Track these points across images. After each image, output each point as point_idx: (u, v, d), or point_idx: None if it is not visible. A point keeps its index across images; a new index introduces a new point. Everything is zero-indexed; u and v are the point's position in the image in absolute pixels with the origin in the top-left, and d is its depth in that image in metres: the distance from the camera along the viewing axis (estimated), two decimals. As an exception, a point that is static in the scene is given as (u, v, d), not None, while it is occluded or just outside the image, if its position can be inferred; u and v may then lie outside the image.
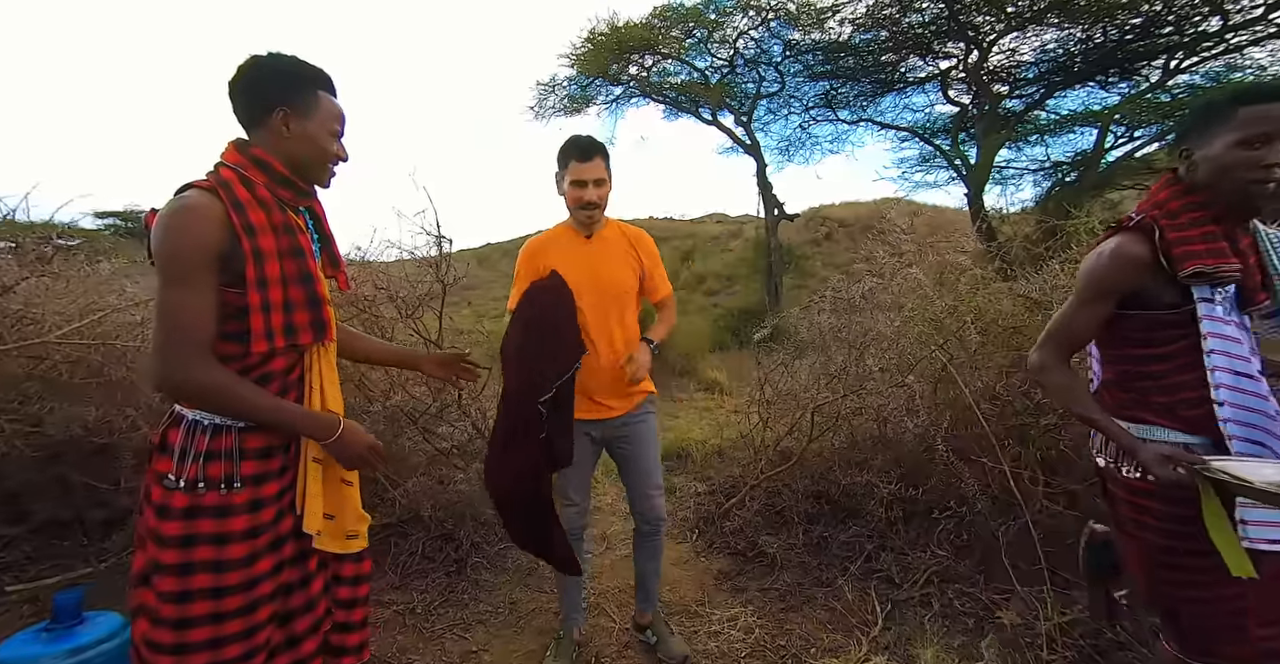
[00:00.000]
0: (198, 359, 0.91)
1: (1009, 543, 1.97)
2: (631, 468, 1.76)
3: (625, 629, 2.00)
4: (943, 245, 2.75)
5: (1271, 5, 7.76)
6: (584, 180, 1.60)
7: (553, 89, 12.21)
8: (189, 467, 0.94)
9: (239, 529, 0.96)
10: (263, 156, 1.00)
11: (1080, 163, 10.06)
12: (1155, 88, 9.25)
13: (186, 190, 0.95)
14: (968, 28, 9.78)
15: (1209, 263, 1.03)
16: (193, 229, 0.90)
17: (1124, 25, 8.93)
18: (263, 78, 1.00)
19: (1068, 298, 2.15)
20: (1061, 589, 1.83)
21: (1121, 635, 1.65)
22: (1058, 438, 2.05)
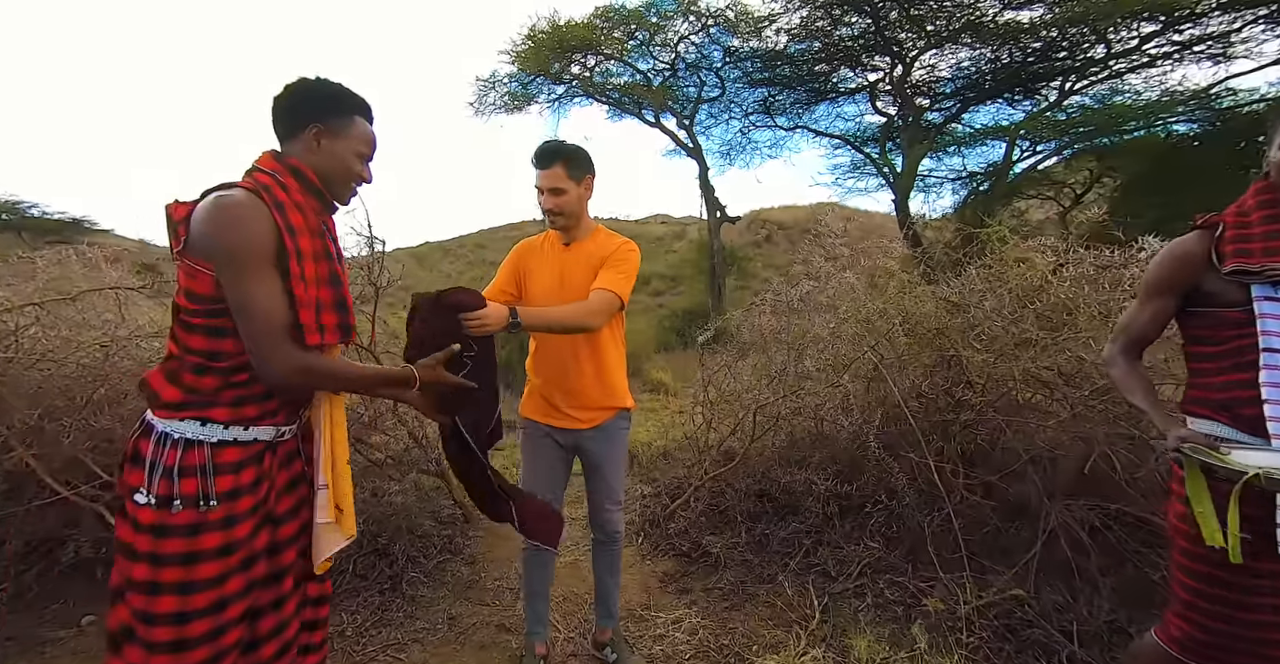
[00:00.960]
0: (289, 344, 0.96)
1: (934, 533, 2.09)
2: (595, 480, 1.75)
3: (570, 638, 1.98)
4: (874, 250, 2.89)
5: (1144, 38, 8.72)
6: (541, 188, 1.60)
7: (493, 85, 11.93)
8: (159, 481, 0.93)
9: (211, 547, 0.95)
10: (298, 165, 1.06)
11: (992, 173, 10.90)
12: (1053, 106, 10.18)
13: (228, 189, 0.98)
14: (892, 43, 10.38)
15: (1255, 261, 1.04)
16: (256, 223, 0.95)
17: (1026, 48, 9.77)
18: (305, 95, 1.07)
19: (983, 301, 2.33)
20: (978, 574, 1.97)
21: (1029, 613, 1.80)
22: (975, 433, 2.21)
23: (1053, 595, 1.82)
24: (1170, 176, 8.28)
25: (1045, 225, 11.11)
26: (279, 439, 1.05)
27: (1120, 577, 1.80)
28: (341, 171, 1.10)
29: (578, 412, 1.67)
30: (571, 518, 2.98)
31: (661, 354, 8.21)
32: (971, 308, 2.33)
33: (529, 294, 1.69)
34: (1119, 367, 1.25)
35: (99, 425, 1.76)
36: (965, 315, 2.31)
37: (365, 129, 1.12)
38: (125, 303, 1.95)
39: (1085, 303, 2.14)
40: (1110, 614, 1.72)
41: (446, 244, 23.80)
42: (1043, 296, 2.20)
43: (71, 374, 1.81)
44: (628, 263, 1.65)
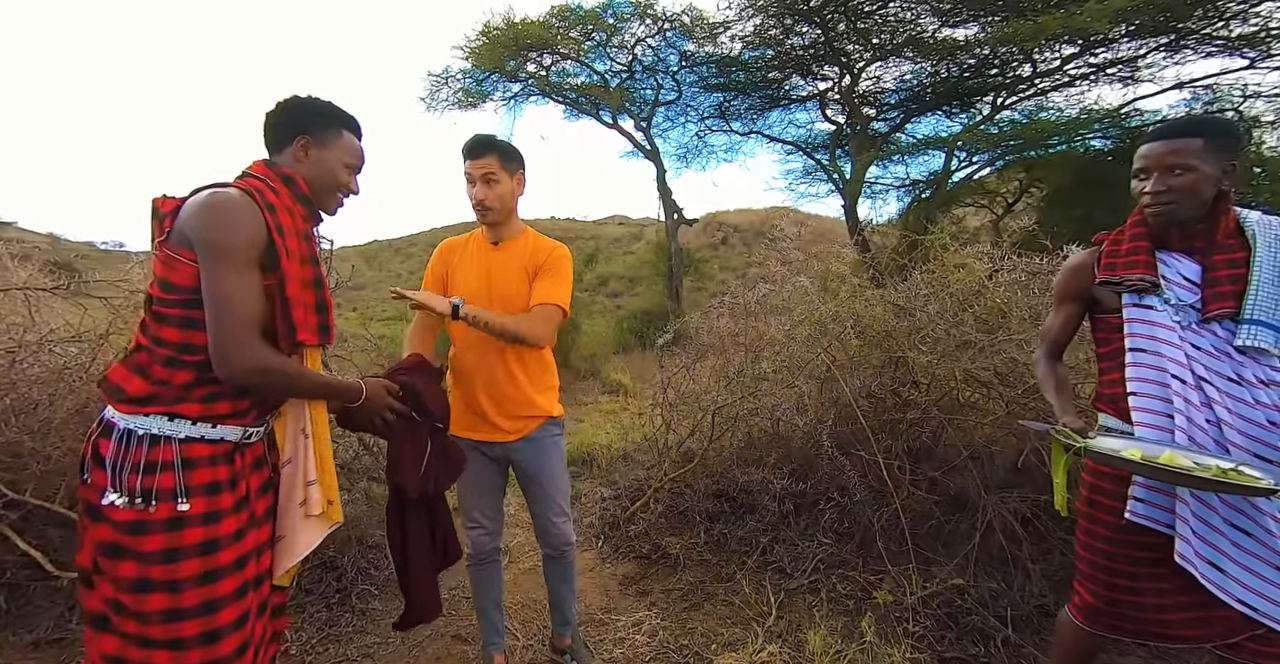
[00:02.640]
0: (259, 342, 0.97)
1: (882, 527, 2.18)
2: (532, 494, 1.68)
3: (529, 646, 1.95)
4: (827, 255, 2.99)
5: (1065, 59, 9.43)
6: (472, 177, 1.53)
7: (446, 81, 11.62)
8: (127, 478, 0.93)
9: (194, 542, 0.95)
10: (290, 173, 1.10)
11: (933, 182, 11.49)
12: (986, 120, 10.83)
13: (223, 187, 1.00)
14: (841, 54, 10.78)
15: (1116, 274, 1.21)
16: (245, 221, 0.97)
17: (962, 64, 10.36)
18: (295, 109, 1.13)
19: (928, 305, 2.45)
20: (924, 565, 2.07)
21: (969, 601, 1.90)
22: (920, 431, 2.32)
23: (989, 583, 1.94)
24: (1088, 188, 8.99)
25: (980, 232, 11.83)
26: (246, 441, 1.05)
27: (1049, 563, 1.94)
28: (328, 181, 1.15)
29: (505, 421, 1.59)
30: (519, 523, 2.93)
31: (620, 355, 8.21)
32: (917, 311, 2.45)
33: (453, 294, 1.58)
34: (1041, 366, 1.40)
35: (5, 438, 1.59)
36: (911, 318, 2.42)
37: (352, 142, 1.18)
38: (36, 305, 1.78)
39: (1017, 306, 2.29)
40: (1040, 599, 1.85)
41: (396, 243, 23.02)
42: (980, 300, 2.34)
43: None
44: (563, 270, 1.61)
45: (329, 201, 1.18)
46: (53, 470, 1.64)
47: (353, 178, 1.19)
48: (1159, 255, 1.22)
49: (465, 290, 1.57)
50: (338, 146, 1.15)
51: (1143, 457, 1.06)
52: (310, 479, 1.11)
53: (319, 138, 1.13)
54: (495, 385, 1.57)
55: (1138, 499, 1.14)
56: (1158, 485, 1.12)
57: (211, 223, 0.95)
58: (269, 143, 1.15)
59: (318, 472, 1.12)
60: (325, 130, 1.14)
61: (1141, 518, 1.13)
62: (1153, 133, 1.22)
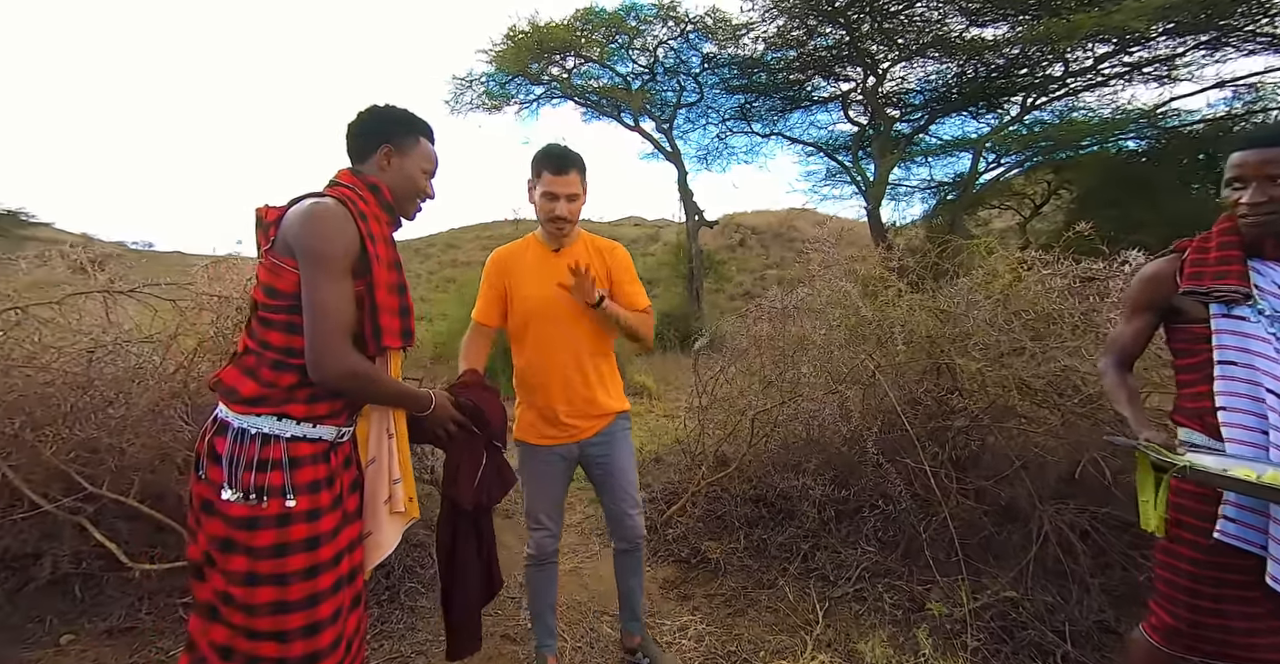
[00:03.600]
0: (351, 348, 1.01)
1: (930, 536, 2.15)
2: (608, 489, 1.72)
3: (577, 648, 1.96)
4: (869, 258, 2.97)
5: (1099, 58, 9.22)
6: (556, 194, 1.54)
7: (470, 84, 11.75)
8: (241, 475, 0.97)
9: (300, 538, 0.99)
10: (376, 182, 1.14)
11: (959, 183, 11.31)
12: (1015, 121, 10.63)
13: (320, 197, 1.04)
14: (865, 55, 10.67)
15: (1204, 284, 1.16)
16: (345, 230, 1.01)
17: (990, 64, 10.20)
18: (377, 119, 1.16)
19: (972, 310, 2.41)
20: (974, 577, 2.04)
21: (1023, 615, 1.87)
22: (968, 438, 2.29)
23: (1044, 597, 1.90)
24: (1122, 190, 8.78)
25: (1007, 234, 11.63)
26: (339, 440, 1.09)
27: (1109, 578, 1.90)
28: (409, 188, 1.18)
29: (580, 421, 1.64)
30: (585, 515, 2.96)
31: (642, 357, 8.21)
32: (963, 316, 2.41)
33: (522, 309, 1.62)
34: (1110, 377, 1.35)
35: (83, 435, 1.65)
36: (958, 325, 2.39)
37: (428, 148, 1.21)
38: (112, 307, 1.85)
39: (1070, 313, 2.25)
40: (1100, 614, 1.81)
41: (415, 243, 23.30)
42: (1030, 307, 2.30)
43: (53, 381, 1.69)
44: (633, 269, 1.70)
45: (409, 207, 1.21)
46: (127, 466, 1.69)
47: (428, 182, 1.23)
48: (1252, 264, 1.17)
49: (537, 299, 1.59)
50: (416, 153, 1.18)
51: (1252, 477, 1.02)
52: (395, 478, 1.15)
53: (400, 146, 1.16)
54: (571, 388, 1.61)
55: (1228, 519, 1.10)
56: (1251, 504, 1.08)
57: (312, 232, 0.99)
58: (352, 152, 1.17)
59: (401, 471, 1.16)
60: (405, 138, 1.17)
61: (1232, 538, 1.09)
62: (1244, 140, 1.17)
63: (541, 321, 1.60)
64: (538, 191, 1.57)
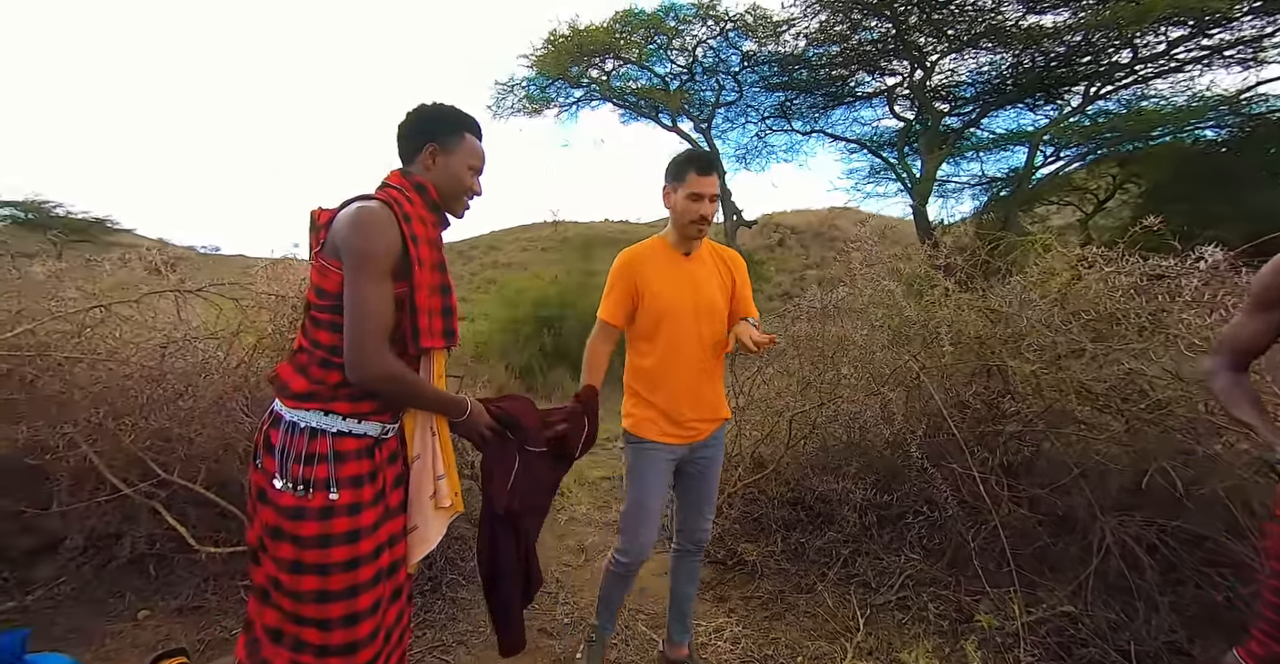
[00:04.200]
0: (388, 351, 1.02)
1: (978, 546, 2.06)
2: (694, 491, 1.72)
3: (612, 645, 1.97)
4: (913, 256, 2.87)
5: (1172, 43, 8.61)
6: (701, 194, 1.54)
7: (511, 89, 12.04)
8: (291, 467, 1.01)
9: (341, 531, 1.01)
10: (423, 182, 1.14)
11: (1013, 179, 10.79)
12: (1076, 112, 10.06)
13: (366, 200, 1.05)
14: (912, 47, 10.33)
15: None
16: (387, 232, 1.02)
17: (1049, 53, 9.69)
18: (421, 119, 1.16)
19: (1026, 310, 2.30)
20: (1028, 589, 1.94)
21: (1083, 632, 1.77)
22: (1021, 444, 2.18)
23: (1106, 613, 1.79)
24: (1197, 182, 8.16)
25: (1067, 231, 11.00)
26: (384, 436, 1.11)
27: (1180, 596, 1.77)
28: (456, 186, 1.18)
29: (701, 424, 1.64)
30: (605, 522, 2.98)
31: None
32: (1016, 316, 2.30)
33: (654, 308, 1.59)
34: (1222, 379, 1.19)
35: (156, 424, 1.79)
36: (1010, 325, 2.28)
37: (474, 145, 1.20)
38: (182, 305, 2.00)
39: (1136, 313, 2.11)
40: (1170, 634, 1.69)
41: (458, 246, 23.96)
42: (1092, 307, 2.17)
43: (132, 374, 1.84)
44: (748, 278, 1.75)
45: (457, 206, 1.21)
46: (195, 455, 1.83)
47: (476, 179, 1.21)
48: None
49: (673, 304, 1.59)
50: (462, 151, 1.17)
51: None
52: (439, 474, 1.17)
53: (445, 144, 1.16)
54: (698, 390, 1.62)
55: None
56: None
57: (355, 234, 1.00)
58: (401, 153, 1.18)
59: (445, 467, 1.18)
60: (450, 136, 1.16)
61: None
62: None
63: (674, 323, 1.59)
64: (680, 193, 1.56)
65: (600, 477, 3.65)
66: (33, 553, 1.95)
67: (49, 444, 1.71)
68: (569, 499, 3.30)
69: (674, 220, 1.62)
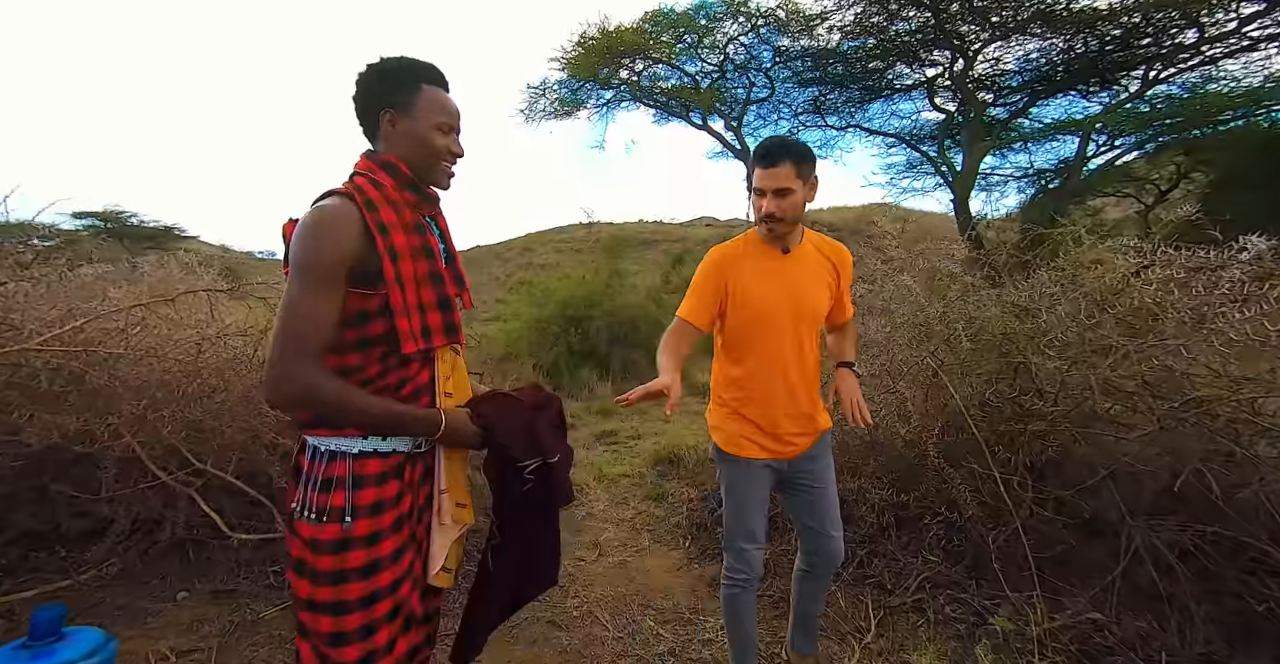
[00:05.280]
0: (317, 366, 0.87)
1: (999, 548, 1.98)
2: (810, 508, 1.55)
3: (619, 638, 1.99)
4: (932, 252, 2.78)
5: (1244, 19, 7.99)
6: (763, 189, 1.38)
7: (543, 92, 12.24)
8: (309, 493, 0.93)
9: (357, 566, 0.92)
10: (389, 159, 0.99)
11: (1062, 170, 10.25)
12: (1134, 98, 9.47)
13: (324, 196, 0.94)
14: (953, 36, 9.94)
15: None
16: (329, 234, 0.89)
17: (1104, 36, 9.14)
18: (369, 83, 0.99)
19: (1055, 305, 2.19)
20: (1051, 595, 1.85)
21: (1110, 640, 1.67)
22: (1045, 444, 2.08)
23: (1136, 622, 1.69)
24: (1273, 169, 7.53)
25: (1124, 224, 10.35)
26: (417, 450, 1.00)
27: (1219, 606, 1.65)
28: (425, 151, 1.00)
29: (799, 437, 1.50)
30: (638, 511, 3.00)
31: (706, 357, 8.15)
32: (1043, 312, 2.20)
33: (745, 309, 1.45)
34: None
35: (192, 416, 1.92)
36: (1035, 320, 2.18)
37: (435, 97, 1.00)
38: (215, 304, 2.15)
39: (1175, 307, 1.98)
40: (1206, 646, 1.58)
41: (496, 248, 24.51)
42: (1123, 300, 2.05)
43: (170, 369, 1.99)
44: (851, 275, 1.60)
45: (437, 175, 1.03)
46: (226, 446, 1.96)
47: (451, 138, 1.02)
48: None
49: (764, 302, 1.44)
50: (421, 108, 0.98)
51: None
52: (441, 489, 1.04)
53: (400, 105, 0.98)
54: (795, 400, 1.48)
55: None
56: None
57: (296, 241, 0.89)
58: (365, 132, 1.02)
59: (448, 481, 1.05)
60: (402, 94, 0.98)
61: None
62: None
63: (768, 327, 1.45)
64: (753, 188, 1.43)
65: (620, 474, 3.67)
66: (86, 535, 2.13)
67: (96, 434, 1.86)
68: (588, 496, 3.34)
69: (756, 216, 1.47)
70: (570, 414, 5.39)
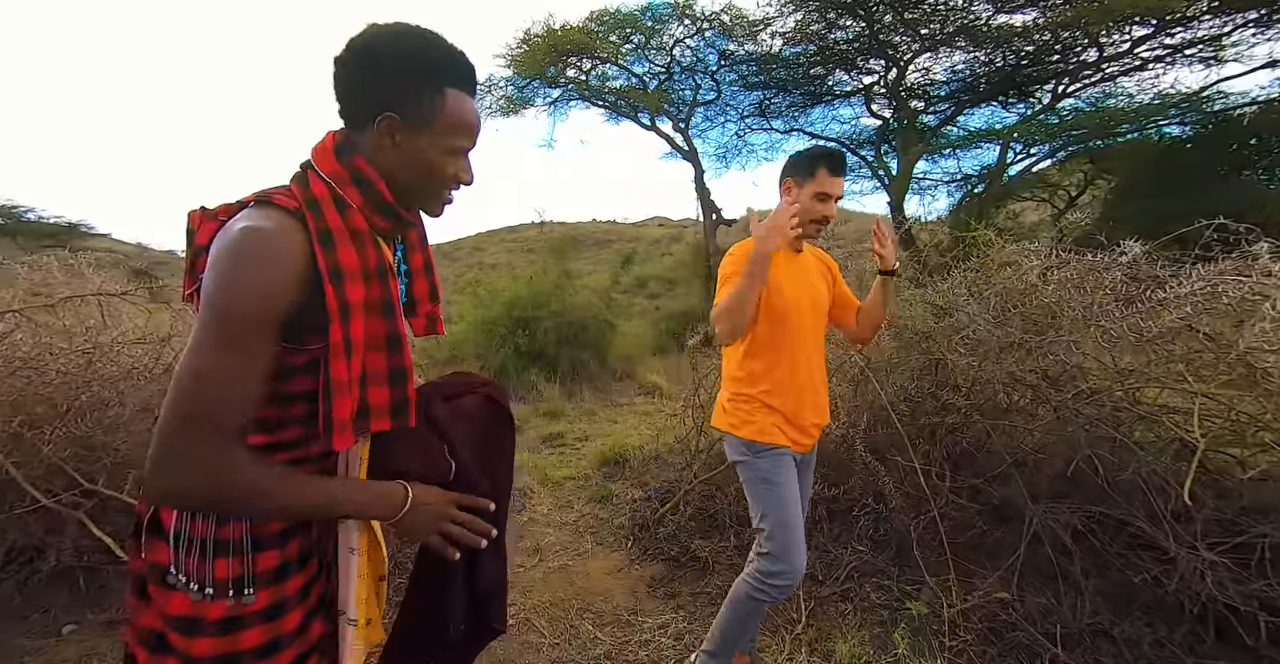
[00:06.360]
0: (232, 454, 0.65)
1: (919, 536, 2.09)
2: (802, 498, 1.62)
3: (555, 645, 1.97)
4: (863, 253, 2.91)
5: (1136, 41, 8.78)
6: (830, 195, 1.50)
7: (489, 89, 11.96)
8: (186, 559, 0.70)
9: (251, 646, 0.72)
10: (365, 172, 0.73)
11: (986, 176, 10.95)
12: (1046, 110, 10.23)
13: (266, 205, 0.69)
14: (887, 46, 10.43)
15: None
16: (262, 275, 0.65)
17: (1019, 52, 9.82)
18: (373, 65, 0.71)
19: (969, 304, 2.34)
20: (965, 577, 1.97)
21: (1014, 616, 1.80)
22: (962, 436, 2.21)
23: (1037, 598, 1.83)
24: (1163, 179, 8.32)
25: (1039, 227, 11.17)
26: None
27: (1105, 579, 1.81)
28: (428, 178, 0.76)
29: (815, 430, 1.57)
30: (581, 513, 2.97)
31: (657, 357, 8.21)
32: (957, 311, 2.34)
33: (776, 304, 1.49)
34: None
35: (79, 432, 1.76)
36: (951, 319, 2.32)
37: (460, 109, 0.75)
38: (109, 308, 1.96)
39: (1069, 306, 2.15)
40: (1093, 617, 1.72)
41: (444, 247, 23.82)
42: (1028, 300, 2.21)
43: (53, 381, 1.81)
44: None
45: (432, 203, 0.80)
46: (121, 463, 1.80)
47: (462, 163, 0.78)
48: None
49: (794, 301, 1.52)
50: (441, 123, 0.73)
51: None
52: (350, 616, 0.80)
53: (411, 114, 0.72)
54: (818, 394, 1.57)
55: None
56: None
57: (218, 271, 0.64)
58: (344, 111, 0.75)
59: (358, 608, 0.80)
60: (419, 99, 0.72)
61: None
62: None
63: (794, 321, 1.51)
64: (806, 190, 1.50)
65: (565, 476, 3.65)
66: None
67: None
68: (531, 499, 3.29)
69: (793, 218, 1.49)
70: (517, 417, 5.32)
